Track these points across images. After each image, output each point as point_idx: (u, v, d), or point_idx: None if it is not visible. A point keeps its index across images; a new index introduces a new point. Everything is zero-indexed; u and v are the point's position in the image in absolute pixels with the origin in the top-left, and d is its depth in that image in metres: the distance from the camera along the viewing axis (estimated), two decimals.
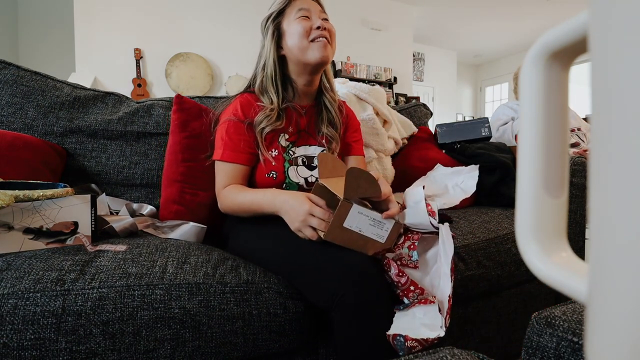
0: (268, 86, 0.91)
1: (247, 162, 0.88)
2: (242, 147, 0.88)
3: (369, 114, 1.34)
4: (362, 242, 0.66)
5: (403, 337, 0.56)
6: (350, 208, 0.65)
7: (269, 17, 0.91)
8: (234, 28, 4.00)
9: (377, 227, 0.67)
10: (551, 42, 0.19)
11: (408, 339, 0.56)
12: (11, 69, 1.04)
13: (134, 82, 3.61)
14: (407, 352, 0.56)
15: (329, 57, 0.89)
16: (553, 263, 0.20)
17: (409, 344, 0.55)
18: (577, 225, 1.13)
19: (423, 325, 0.59)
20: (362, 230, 0.66)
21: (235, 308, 0.64)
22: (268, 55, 0.91)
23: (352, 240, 0.66)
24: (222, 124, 0.92)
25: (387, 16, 4.96)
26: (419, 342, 0.56)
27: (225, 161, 0.87)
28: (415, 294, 0.65)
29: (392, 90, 5.13)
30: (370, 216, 0.67)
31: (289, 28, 0.88)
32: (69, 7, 3.45)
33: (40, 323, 0.54)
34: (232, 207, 0.85)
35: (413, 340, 0.56)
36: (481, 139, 1.46)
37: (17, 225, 0.66)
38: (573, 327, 0.43)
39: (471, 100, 8.26)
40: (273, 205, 0.75)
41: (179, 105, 1.03)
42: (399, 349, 0.56)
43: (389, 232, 0.68)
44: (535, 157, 0.20)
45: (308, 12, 0.88)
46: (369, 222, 0.67)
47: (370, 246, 0.67)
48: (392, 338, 0.57)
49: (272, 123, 0.88)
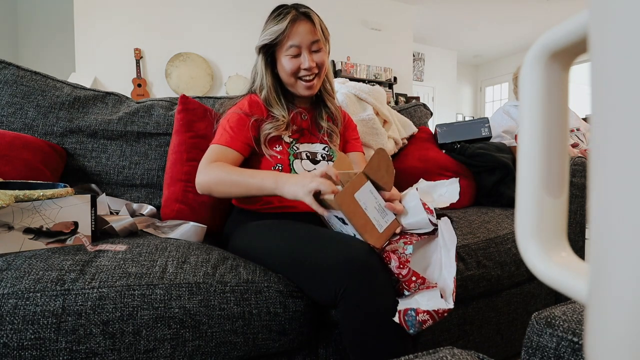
0: (272, 101, 0.95)
1: (242, 151, 0.89)
2: (241, 137, 0.89)
3: (369, 114, 1.34)
4: (362, 221, 0.66)
5: (414, 311, 0.57)
6: (366, 182, 0.66)
7: (262, 47, 0.93)
8: (234, 28, 4.00)
9: (379, 214, 0.68)
10: (551, 42, 0.19)
11: (419, 312, 0.56)
12: (11, 69, 1.04)
13: (134, 82, 3.61)
14: (418, 327, 0.56)
15: (314, 92, 0.97)
16: (553, 263, 0.20)
17: (420, 318, 0.56)
18: (577, 225, 1.13)
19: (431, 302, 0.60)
20: (367, 209, 0.67)
21: (235, 307, 0.64)
22: (264, 78, 0.95)
23: (355, 215, 0.66)
24: (226, 115, 0.94)
25: (387, 16, 4.96)
26: (430, 315, 0.56)
27: (220, 144, 0.88)
28: (417, 284, 0.65)
29: (392, 90, 5.13)
30: (377, 200, 0.68)
31: (280, 59, 0.93)
32: (69, 8, 3.44)
33: (40, 323, 0.54)
34: (217, 180, 0.81)
35: (424, 312, 0.56)
36: (481, 139, 1.46)
37: (17, 225, 0.66)
38: (573, 327, 0.43)
39: (471, 100, 8.26)
40: (277, 178, 0.75)
41: (184, 105, 1.04)
42: (409, 326, 0.56)
43: (388, 224, 0.69)
44: (535, 157, 0.20)
45: (298, 49, 0.91)
46: (374, 205, 0.68)
47: (368, 230, 0.67)
48: (403, 314, 0.57)
49: (280, 131, 0.92)
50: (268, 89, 0.95)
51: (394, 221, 0.70)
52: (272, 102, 0.95)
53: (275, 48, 0.93)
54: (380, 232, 0.68)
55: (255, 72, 0.98)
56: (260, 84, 0.96)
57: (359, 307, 0.59)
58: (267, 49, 0.94)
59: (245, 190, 0.80)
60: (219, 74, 4.01)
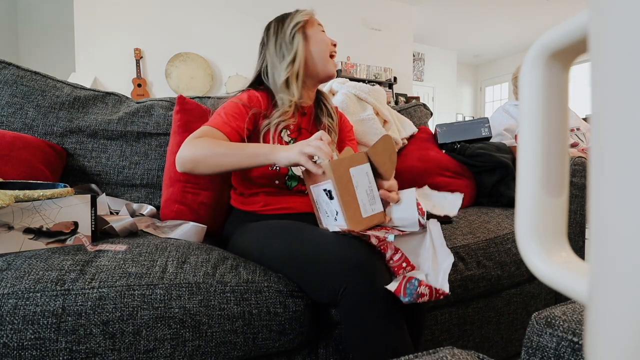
0: (292, 82, 0.94)
1: (230, 136, 0.86)
2: (233, 124, 0.88)
3: (369, 114, 1.34)
4: (349, 198, 0.65)
5: (418, 281, 0.57)
6: (365, 163, 0.66)
7: (297, 24, 0.96)
8: (234, 28, 4.00)
9: (368, 199, 0.67)
10: (551, 42, 0.19)
11: (422, 284, 0.57)
12: (11, 69, 1.04)
13: (134, 82, 3.61)
14: (413, 298, 0.56)
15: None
16: (553, 263, 0.20)
17: (421, 290, 0.56)
18: (577, 225, 1.13)
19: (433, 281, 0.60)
20: (357, 188, 0.66)
21: (235, 307, 0.64)
22: (300, 53, 0.95)
23: (344, 189, 0.65)
24: (224, 104, 0.93)
25: (387, 16, 4.96)
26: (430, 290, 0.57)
27: (210, 126, 0.86)
28: (406, 270, 0.65)
29: (392, 90, 5.13)
30: (371, 185, 0.67)
31: (315, 35, 0.97)
32: (69, 7, 3.44)
33: (40, 323, 0.54)
34: (205, 151, 0.78)
35: (426, 286, 0.57)
36: (481, 139, 1.46)
37: (17, 225, 0.66)
38: (573, 327, 0.43)
39: (471, 100, 8.26)
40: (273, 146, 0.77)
41: (182, 106, 1.04)
42: (407, 294, 0.56)
43: (373, 212, 0.68)
44: (535, 157, 0.20)
45: (324, 29, 1.00)
46: (366, 189, 0.67)
47: (352, 210, 0.66)
48: (406, 281, 0.58)
49: (286, 120, 0.92)
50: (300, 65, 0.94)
51: (381, 213, 0.69)
52: (292, 81, 0.93)
53: (307, 26, 0.97)
54: (363, 217, 0.67)
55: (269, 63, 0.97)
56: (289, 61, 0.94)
57: (360, 305, 0.60)
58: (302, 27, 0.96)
59: (237, 160, 0.78)
60: (219, 74, 4.01)
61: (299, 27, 0.96)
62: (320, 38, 0.97)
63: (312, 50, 0.96)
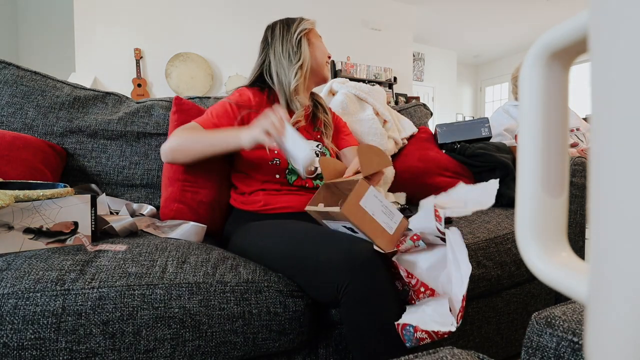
0: (300, 87, 1.02)
1: None
2: (219, 124, 0.93)
3: (369, 114, 1.34)
4: (372, 227, 0.66)
5: (413, 328, 0.56)
6: (368, 188, 0.66)
7: (303, 29, 1.02)
8: (234, 28, 3.99)
9: (387, 216, 0.68)
10: (551, 42, 0.19)
11: (417, 330, 0.55)
12: (11, 69, 1.04)
13: (134, 82, 3.61)
14: (415, 343, 0.55)
15: None
16: (553, 263, 0.20)
17: (418, 335, 0.55)
18: (577, 225, 1.13)
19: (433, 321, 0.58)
20: (374, 215, 0.66)
21: (235, 307, 0.64)
22: (307, 58, 1.01)
23: (364, 221, 0.66)
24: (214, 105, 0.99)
25: (387, 16, 4.96)
26: (428, 335, 0.55)
27: (196, 122, 0.93)
28: (426, 295, 0.65)
29: (392, 90, 5.12)
30: (383, 203, 0.68)
31: (317, 42, 1.05)
32: (69, 7, 3.44)
33: (40, 323, 0.54)
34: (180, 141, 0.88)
35: (423, 331, 0.55)
36: (481, 139, 1.46)
37: (17, 225, 0.66)
38: (573, 327, 0.43)
39: (471, 100, 8.25)
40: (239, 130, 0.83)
41: (178, 106, 1.05)
42: (407, 340, 0.56)
43: (397, 224, 0.68)
44: (535, 157, 0.20)
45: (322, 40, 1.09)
46: (381, 209, 0.67)
47: (379, 235, 0.67)
48: (402, 328, 0.57)
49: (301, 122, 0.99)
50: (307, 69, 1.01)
51: (403, 219, 0.69)
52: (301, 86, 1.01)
53: (310, 33, 1.03)
54: (392, 233, 0.68)
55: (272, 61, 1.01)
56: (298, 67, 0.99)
57: (361, 303, 0.60)
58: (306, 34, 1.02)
59: (208, 145, 0.86)
60: (219, 74, 4.00)
61: (305, 34, 1.01)
62: (320, 46, 1.05)
63: (316, 55, 1.04)
